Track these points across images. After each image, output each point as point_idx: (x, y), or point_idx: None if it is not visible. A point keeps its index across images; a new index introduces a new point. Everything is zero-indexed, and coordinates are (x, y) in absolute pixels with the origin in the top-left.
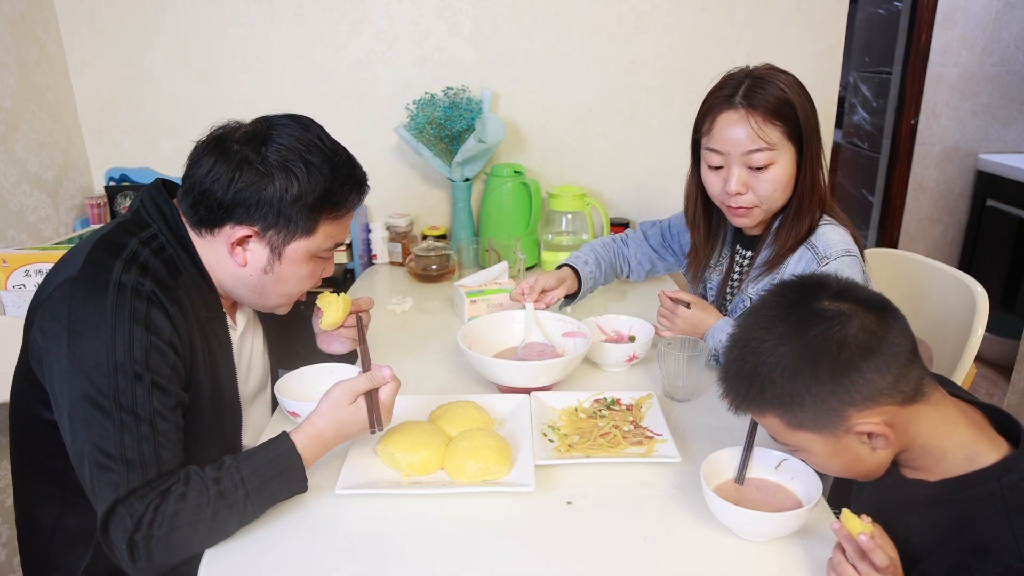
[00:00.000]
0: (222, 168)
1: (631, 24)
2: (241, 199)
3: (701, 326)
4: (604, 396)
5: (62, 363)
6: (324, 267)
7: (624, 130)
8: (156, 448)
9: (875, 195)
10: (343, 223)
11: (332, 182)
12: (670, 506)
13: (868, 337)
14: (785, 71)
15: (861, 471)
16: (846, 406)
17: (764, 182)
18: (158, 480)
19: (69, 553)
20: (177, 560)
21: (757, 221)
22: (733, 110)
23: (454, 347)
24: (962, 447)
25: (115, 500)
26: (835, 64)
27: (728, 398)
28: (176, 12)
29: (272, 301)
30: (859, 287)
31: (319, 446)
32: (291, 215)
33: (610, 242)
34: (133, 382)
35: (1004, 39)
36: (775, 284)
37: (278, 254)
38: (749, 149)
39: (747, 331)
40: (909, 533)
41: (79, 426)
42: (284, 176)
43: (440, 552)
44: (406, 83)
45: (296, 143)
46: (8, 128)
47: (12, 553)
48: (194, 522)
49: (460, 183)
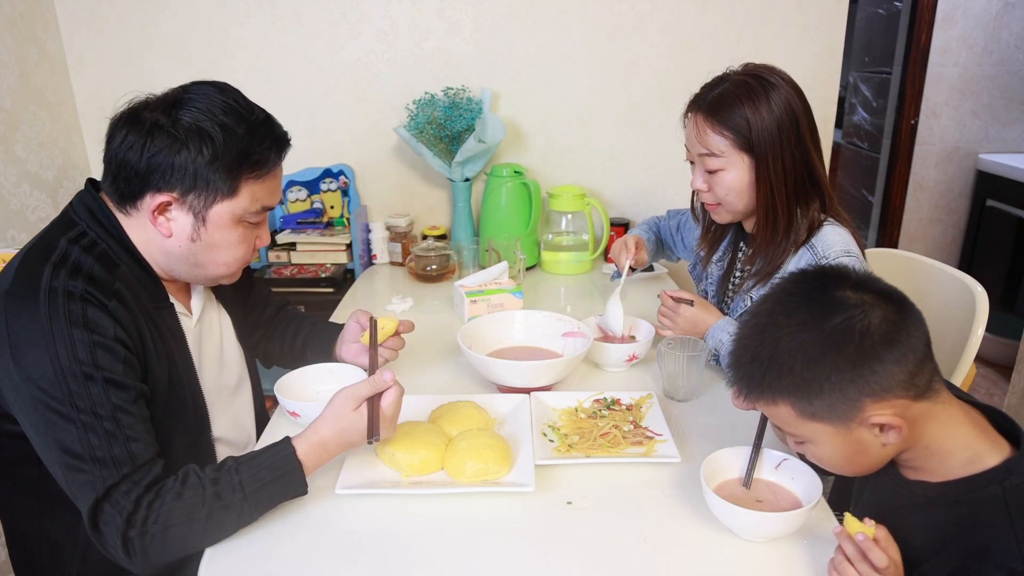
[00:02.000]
0: (134, 137)
1: (631, 24)
2: (156, 164)
3: (702, 325)
4: (604, 396)
5: (12, 377)
6: (258, 234)
7: (624, 130)
8: (125, 443)
9: (875, 195)
10: (267, 184)
11: (249, 141)
12: (670, 506)
13: (890, 328)
14: (766, 78)
15: (863, 465)
16: (863, 396)
17: (718, 185)
18: (136, 473)
19: (57, 562)
20: (174, 557)
21: (727, 219)
22: (692, 112)
23: (454, 347)
24: (965, 448)
25: (96, 499)
26: (835, 64)
27: (739, 384)
28: (176, 12)
29: (210, 271)
30: (878, 279)
31: (321, 453)
32: (209, 177)
33: (654, 222)
34: (85, 383)
35: (1004, 39)
36: (793, 272)
37: (202, 219)
38: (700, 152)
39: (765, 317)
40: (910, 535)
41: (44, 432)
42: (198, 138)
43: (440, 552)
44: (406, 83)
45: (209, 105)
46: (8, 128)
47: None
48: (189, 520)
49: (460, 183)
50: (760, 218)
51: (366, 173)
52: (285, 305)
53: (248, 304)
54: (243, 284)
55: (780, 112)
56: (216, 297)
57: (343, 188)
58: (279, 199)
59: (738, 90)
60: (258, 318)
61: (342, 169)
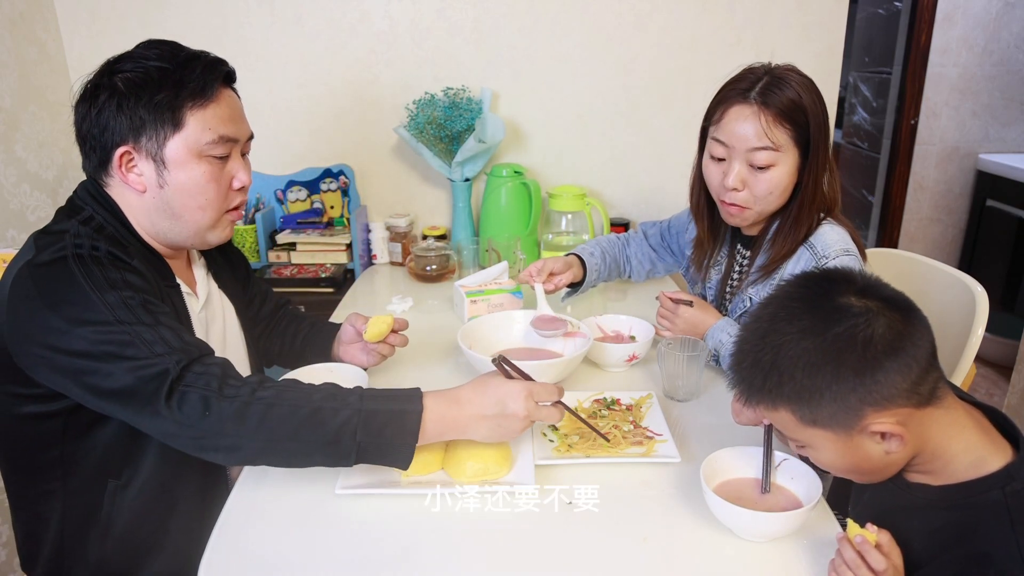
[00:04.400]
0: (84, 108)
1: (631, 24)
2: (105, 122)
3: (702, 326)
4: (604, 396)
5: (52, 326)
6: (230, 171)
7: (624, 130)
8: (180, 336)
9: (875, 195)
10: (215, 111)
11: (182, 71)
12: (670, 506)
13: (894, 337)
14: (804, 75)
15: (867, 471)
16: (864, 405)
17: (762, 182)
18: (207, 358)
19: (85, 540)
20: (250, 440)
21: (748, 222)
22: (746, 104)
23: (454, 347)
24: (969, 451)
25: (172, 380)
26: (835, 64)
27: (739, 389)
28: (176, 12)
29: (190, 219)
30: (884, 284)
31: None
32: (151, 117)
33: (614, 240)
34: (133, 307)
35: (1004, 39)
36: (797, 275)
37: (161, 161)
38: (754, 147)
39: (767, 322)
40: (909, 538)
41: (104, 361)
42: (133, 85)
43: (440, 552)
44: (406, 83)
45: (139, 56)
46: (8, 128)
47: (12, 554)
48: (294, 410)
49: (460, 183)
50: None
51: (366, 173)
52: (285, 304)
53: (248, 294)
54: (242, 274)
55: (824, 112)
56: (218, 285)
57: (343, 188)
58: (243, 131)
59: (797, 86)
60: (258, 311)
61: (342, 169)
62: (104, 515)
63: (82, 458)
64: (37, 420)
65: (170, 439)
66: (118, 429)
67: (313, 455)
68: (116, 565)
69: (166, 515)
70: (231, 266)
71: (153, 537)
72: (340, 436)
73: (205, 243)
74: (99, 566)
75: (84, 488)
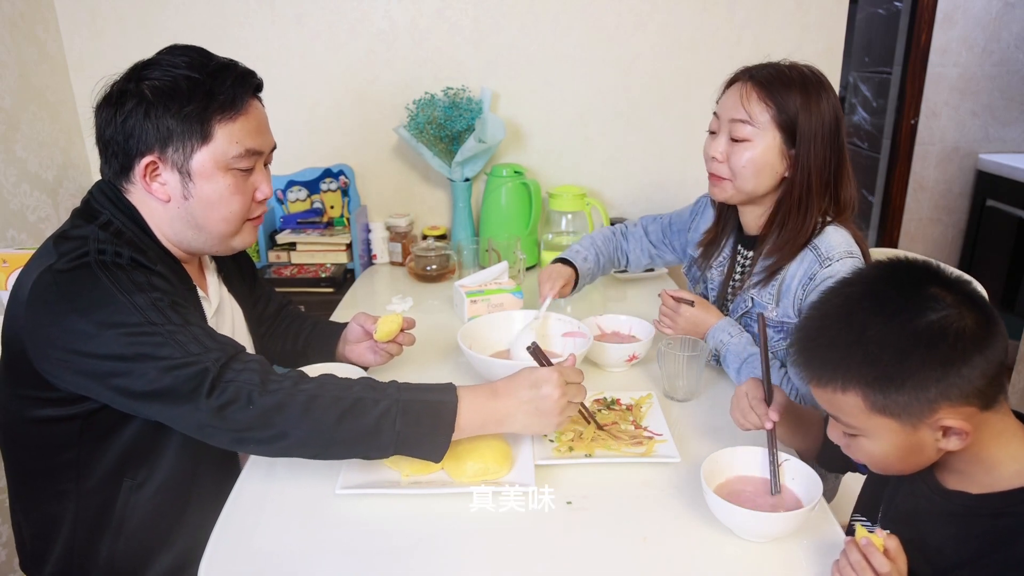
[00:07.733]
0: (109, 112)
1: (631, 24)
2: (131, 129)
3: (703, 326)
4: (604, 396)
5: (79, 330)
6: (254, 182)
7: (624, 130)
8: (214, 337)
9: (875, 195)
10: (244, 124)
11: (212, 83)
12: (670, 506)
13: (984, 334)
14: (816, 73)
15: (912, 464)
16: (941, 398)
17: (738, 155)
18: (244, 355)
19: (98, 539)
20: (294, 430)
21: (728, 195)
22: (742, 79)
23: (454, 347)
24: (1015, 459)
25: (212, 378)
26: (835, 64)
27: (809, 367)
28: (176, 12)
29: (213, 230)
30: (969, 282)
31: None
32: (181, 127)
33: (610, 235)
34: (162, 309)
35: (1004, 39)
36: (882, 261)
37: (187, 173)
38: (732, 117)
39: (851, 301)
40: (942, 543)
41: (137, 361)
42: (163, 93)
43: (440, 552)
44: (406, 83)
45: (171, 62)
46: (8, 128)
47: (12, 554)
48: (336, 400)
49: (460, 183)
50: (773, 213)
51: (366, 173)
52: (287, 304)
53: (253, 296)
54: (248, 274)
55: (828, 112)
56: (228, 289)
57: (343, 188)
58: (269, 143)
59: (794, 74)
60: (262, 312)
61: (342, 169)
62: (117, 514)
63: (98, 460)
64: (53, 423)
65: (205, 433)
66: (137, 431)
67: (354, 445)
68: (127, 562)
69: (179, 512)
70: (240, 269)
71: (165, 534)
72: (380, 425)
73: (230, 249)
74: (109, 564)
75: (98, 488)
